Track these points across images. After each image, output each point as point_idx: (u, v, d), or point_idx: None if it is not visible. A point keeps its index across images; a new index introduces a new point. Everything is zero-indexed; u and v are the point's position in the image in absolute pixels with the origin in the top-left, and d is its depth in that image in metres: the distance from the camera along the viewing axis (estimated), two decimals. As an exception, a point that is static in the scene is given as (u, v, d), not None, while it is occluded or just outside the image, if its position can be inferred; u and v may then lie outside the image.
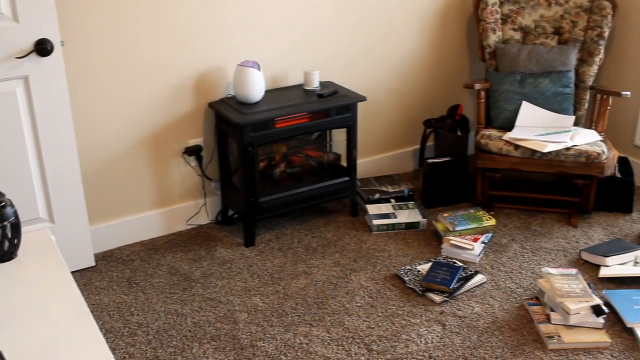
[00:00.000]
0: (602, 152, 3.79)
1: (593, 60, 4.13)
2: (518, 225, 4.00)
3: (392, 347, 3.00)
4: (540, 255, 3.70)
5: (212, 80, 3.74)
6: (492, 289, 3.42)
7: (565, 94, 4.05)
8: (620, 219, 4.07)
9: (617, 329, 3.12)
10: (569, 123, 4.00)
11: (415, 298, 3.34)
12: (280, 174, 3.90)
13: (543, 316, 3.16)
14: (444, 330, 3.11)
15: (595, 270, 3.56)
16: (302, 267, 3.58)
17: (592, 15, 4.12)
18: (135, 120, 3.58)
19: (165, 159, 3.75)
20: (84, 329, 1.70)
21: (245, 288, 3.41)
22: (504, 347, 3.01)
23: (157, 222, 3.83)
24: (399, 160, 4.62)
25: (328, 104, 3.72)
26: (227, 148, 3.79)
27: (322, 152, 4.10)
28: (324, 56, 4.05)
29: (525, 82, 4.07)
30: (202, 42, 3.62)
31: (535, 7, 4.22)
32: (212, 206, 3.99)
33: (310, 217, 4.06)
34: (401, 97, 4.46)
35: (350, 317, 3.20)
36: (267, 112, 3.58)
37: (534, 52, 4.09)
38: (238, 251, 3.72)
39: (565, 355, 2.96)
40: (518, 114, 4.03)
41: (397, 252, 3.72)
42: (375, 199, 4.14)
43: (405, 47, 4.34)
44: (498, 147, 3.87)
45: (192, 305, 3.28)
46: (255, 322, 3.16)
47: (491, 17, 4.21)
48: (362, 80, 4.25)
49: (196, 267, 3.58)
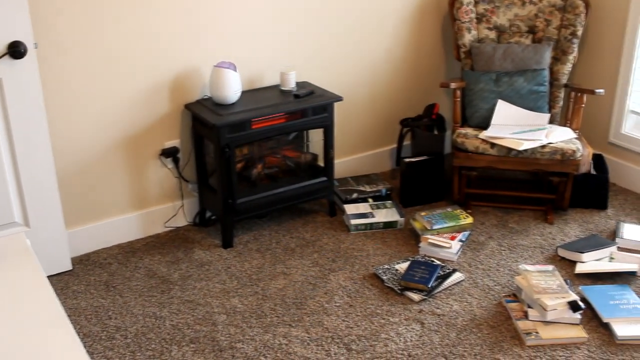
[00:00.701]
0: (577, 150, 3.83)
1: (567, 58, 4.17)
2: (495, 223, 4.02)
3: (371, 346, 3.01)
4: (517, 253, 3.72)
5: (188, 82, 3.72)
6: (470, 286, 3.44)
7: (540, 92, 4.08)
8: (596, 216, 4.10)
9: (594, 324, 3.15)
10: (544, 121, 4.03)
11: (394, 297, 3.35)
12: (257, 175, 3.90)
13: (521, 313, 3.18)
14: (422, 329, 3.12)
15: (571, 266, 3.59)
16: (281, 268, 3.57)
17: (566, 14, 4.15)
18: (111, 122, 3.56)
19: (142, 161, 3.73)
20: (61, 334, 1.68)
21: (223, 290, 3.40)
22: (482, 344, 3.03)
23: (135, 224, 3.81)
24: (376, 160, 4.63)
25: (305, 105, 3.72)
26: (203, 149, 3.78)
27: (299, 153, 4.10)
28: (300, 57, 4.05)
29: (501, 80, 4.09)
30: (177, 43, 3.61)
31: (509, 6, 4.25)
32: (189, 208, 3.97)
33: (288, 217, 4.06)
34: (378, 96, 4.47)
35: (329, 317, 3.20)
36: (243, 113, 3.57)
37: (508, 51, 4.12)
38: (216, 253, 3.71)
39: (543, 351, 2.99)
40: (494, 113, 4.05)
41: (375, 252, 3.72)
42: (352, 199, 4.15)
43: (381, 47, 4.35)
44: (474, 146, 3.89)
45: (170, 307, 3.26)
46: (234, 323, 3.15)
47: (466, 16, 4.24)
48: (339, 81, 4.25)
49: (174, 269, 3.57)
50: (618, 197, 4.32)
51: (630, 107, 4.34)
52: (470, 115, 4.14)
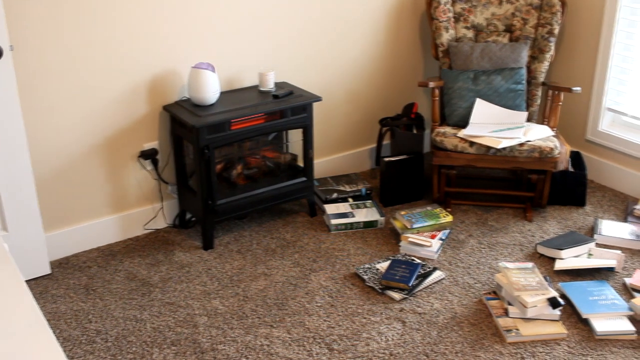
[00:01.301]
0: (554, 147, 3.85)
1: (544, 57, 4.20)
2: (475, 221, 4.04)
3: (353, 345, 3.01)
4: (497, 250, 3.74)
5: (166, 83, 3.71)
6: (450, 284, 3.45)
7: (517, 91, 4.10)
8: (574, 212, 4.13)
9: (573, 320, 3.17)
10: (522, 119, 4.06)
11: (375, 296, 3.35)
12: (237, 176, 3.89)
13: (501, 310, 3.20)
14: (404, 328, 3.13)
15: (550, 263, 3.61)
16: (262, 269, 3.57)
17: (542, 13, 4.18)
18: (89, 125, 3.54)
19: (121, 163, 3.71)
20: (40, 339, 1.67)
21: (204, 291, 3.39)
22: (463, 342, 3.04)
23: (114, 227, 3.79)
24: (355, 160, 4.64)
25: (284, 105, 3.72)
26: (183, 151, 3.77)
27: (278, 153, 4.10)
28: (279, 57, 4.05)
29: (479, 79, 4.11)
30: (155, 44, 3.59)
31: (486, 5, 4.27)
32: (169, 210, 3.96)
33: (268, 218, 4.06)
34: (356, 96, 4.48)
35: (311, 317, 3.20)
36: (222, 114, 3.56)
37: (486, 49, 4.14)
38: (196, 254, 3.70)
39: (524, 347, 3.00)
40: (472, 111, 4.07)
41: (355, 251, 3.73)
42: (333, 199, 4.15)
43: (360, 47, 4.36)
44: (453, 144, 3.91)
45: (151, 310, 3.25)
46: (216, 325, 3.14)
47: (444, 15, 4.25)
48: (318, 81, 4.25)
49: (154, 271, 3.55)
50: (596, 194, 4.35)
51: (607, 105, 4.38)
52: (449, 114, 4.16)
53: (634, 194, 4.32)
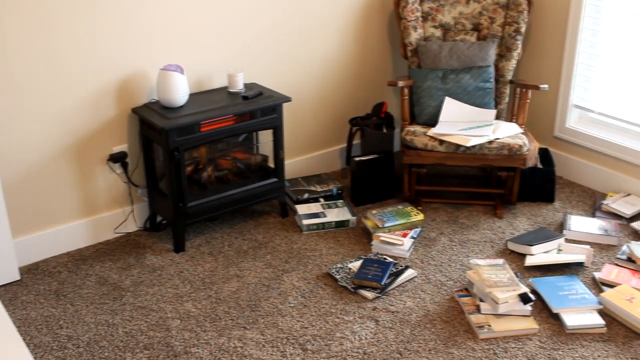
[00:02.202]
0: (523, 144, 3.89)
1: (511, 55, 4.23)
2: (445, 218, 4.06)
3: (326, 345, 3.01)
4: (468, 248, 3.76)
5: (135, 86, 3.68)
6: (422, 282, 3.46)
7: (486, 89, 4.13)
8: (544, 209, 4.17)
9: (544, 315, 3.20)
10: (490, 117, 4.08)
11: (348, 296, 3.36)
12: (207, 178, 3.87)
13: (473, 307, 3.22)
14: (377, 326, 3.14)
15: (521, 259, 3.64)
16: (234, 271, 3.56)
17: (509, 12, 4.21)
18: (57, 128, 3.50)
19: (90, 166, 3.68)
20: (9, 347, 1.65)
21: (176, 294, 3.37)
22: (436, 339, 3.06)
23: (84, 231, 3.76)
24: (326, 160, 4.64)
25: (253, 106, 3.71)
26: (152, 153, 3.74)
27: (249, 154, 4.09)
28: (248, 58, 4.04)
29: (447, 78, 4.14)
30: (122, 46, 3.57)
31: (454, 4, 4.29)
32: (139, 213, 3.93)
33: (240, 219, 4.04)
34: (326, 96, 4.48)
35: (284, 317, 3.20)
36: (192, 116, 3.55)
37: (454, 48, 4.16)
38: (168, 257, 3.68)
39: (496, 343, 3.03)
40: (441, 110, 4.09)
41: (328, 251, 3.73)
42: (304, 199, 4.15)
43: (329, 47, 4.36)
44: (423, 143, 3.93)
45: (123, 314, 3.22)
46: (189, 328, 3.13)
47: (412, 15, 4.27)
48: (287, 81, 4.25)
49: (126, 275, 3.52)
50: (564, 190, 4.40)
51: (574, 102, 4.43)
52: (418, 113, 4.18)
53: (601, 189, 4.38)
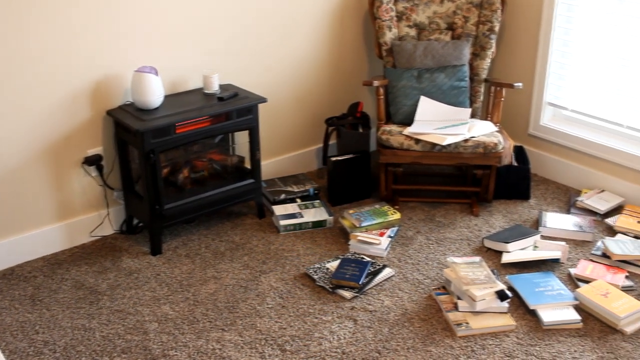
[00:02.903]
0: (498, 142, 3.91)
1: (486, 54, 4.26)
2: (422, 217, 4.08)
3: (305, 346, 3.01)
4: (445, 246, 3.78)
5: (109, 88, 3.66)
6: (400, 281, 3.47)
7: (460, 88, 4.15)
8: (519, 206, 4.20)
9: (521, 312, 3.22)
10: (465, 115, 4.11)
11: (326, 296, 3.36)
12: (184, 180, 3.86)
13: (451, 305, 3.24)
14: (355, 326, 3.14)
15: (497, 256, 3.66)
16: (211, 272, 3.55)
17: (483, 11, 4.24)
18: (30, 132, 3.47)
19: (64, 170, 3.65)
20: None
21: (154, 297, 3.35)
22: (414, 337, 3.07)
23: (59, 235, 3.73)
24: (302, 160, 4.64)
25: (229, 107, 3.71)
26: (128, 156, 3.72)
27: (225, 156, 4.07)
28: (223, 59, 4.03)
29: (422, 77, 4.15)
30: (96, 48, 3.54)
31: (428, 4, 4.31)
32: (115, 216, 3.90)
33: (216, 221, 4.03)
34: (302, 96, 4.48)
35: (262, 319, 3.19)
36: (167, 118, 3.53)
37: (429, 47, 4.18)
38: (145, 260, 3.66)
39: (474, 340, 3.04)
40: (417, 109, 4.11)
41: (305, 251, 3.73)
42: (281, 200, 4.15)
43: (303, 47, 4.36)
44: (399, 142, 3.94)
45: (99, 318, 3.20)
46: (166, 331, 3.11)
47: (386, 14, 4.28)
48: (262, 82, 4.24)
49: (102, 279, 3.50)
50: (539, 187, 4.43)
51: (548, 100, 4.47)
52: (394, 113, 4.19)
53: (576, 186, 4.42)
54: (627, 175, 4.16)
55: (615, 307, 3.14)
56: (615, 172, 4.21)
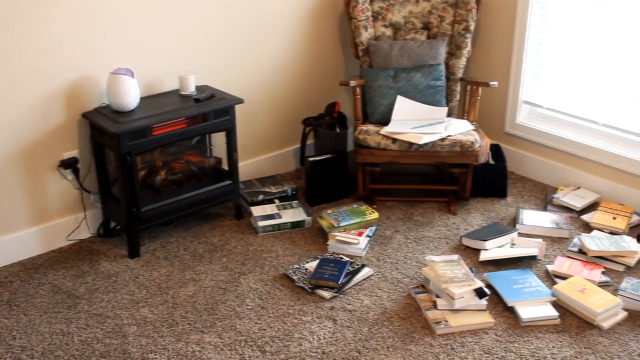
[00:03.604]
0: (475, 141, 3.93)
1: (461, 53, 4.28)
2: (400, 216, 4.09)
3: (285, 346, 3.01)
4: (423, 244, 3.79)
5: (84, 90, 3.63)
6: (379, 280, 3.48)
7: (437, 87, 4.17)
8: (496, 204, 4.23)
9: (500, 309, 3.24)
10: (442, 114, 4.12)
11: (305, 296, 3.36)
12: (161, 182, 3.84)
13: (430, 303, 3.25)
14: (335, 326, 3.14)
15: (475, 254, 3.68)
16: (190, 275, 3.53)
17: (458, 10, 4.26)
18: (4, 135, 3.44)
19: (40, 173, 3.62)
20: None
21: (132, 300, 3.33)
22: (394, 336, 3.07)
23: (36, 240, 3.69)
24: (280, 161, 4.64)
25: (205, 108, 3.69)
26: (104, 158, 3.70)
27: (202, 157, 4.06)
28: (199, 60, 4.02)
29: (399, 76, 4.17)
30: (71, 50, 3.51)
31: (404, 3, 4.32)
32: (92, 219, 3.88)
33: (194, 223, 4.02)
34: (279, 97, 4.48)
35: (242, 320, 3.18)
36: (143, 120, 3.51)
37: (405, 47, 4.19)
38: (123, 263, 3.64)
39: (453, 338, 3.06)
40: (393, 109, 4.12)
41: (284, 252, 3.73)
42: (259, 201, 4.14)
43: (280, 47, 4.36)
44: (376, 142, 3.95)
45: (78, 323, 3.18)
46: (145, 334, 3.10)
47: (362, 14, 4.29)
48: (239, 83, 4.23)
49: (80, 283, 3.47)
50: (516, 185, 4.46)
51: (523, 98, 4.50)
52: (371, 112, 4.20)
53: (552, 183, 4.45)
54: (603, 172, 4.20)
55: (592, 302, 3.16)
56: (590, 169, 4.25)
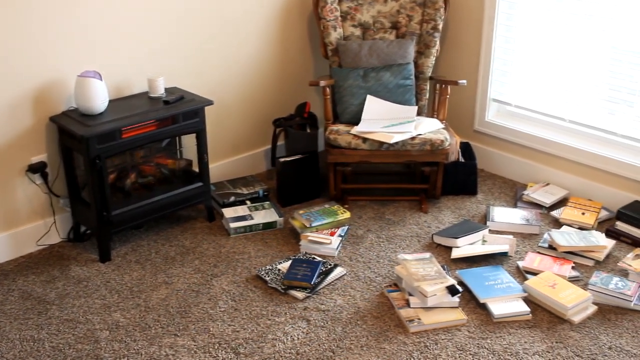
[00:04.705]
0: (445, 139, 3.95)
1: (430, 52, 4.30)
2: (372, 215, 4.10)
3: (259, 348, 3.00)
4: (395, 243, 3.81)
5: (52, 93, 3.60)
6: (352, 280, 3.49)
7: (406, 86, 4.19)
8: (467, 201, 4.26)
9: (472, 306, 3.27)
10: (412, 113, 4.14)
11: (279, 297, 3.35)
12: (131, 185, 3.81)
13: (402, 301, 3.26)
14: (309, 326, 3.14)
15: (447, 252, 3.70)
16: (162, 278, 3.51)
17: (426, 9, 4.28)
18: (-29, 141, 3.40)
19: (8, 178, 3.57)
20: None
21: (104, 305, 3.30)
22: (368, 335, 3.08)
23: (4, 245, 3.65)
24: (251, 162, 4.63)
25: (175, 110, 3.68)
26: (73, 162, 3.66)
27: (173, 160, 4.04)
28: (168, 62, 3.99)
29: (368, 76, 4.18)
30: (38, 53, 3.48)
31: (372, 3, 4.34)
32: (62, 224, 3.84)
33: (166, 226, 3.99)
34: (249, 98, 4.47)
35: (215, 322, 3.17)
36: (112, 123, 3.49)
37: (374, 47, 4.21)
38: (94, 268, 3.61)
39: (427, 336, 3.07)
40: (364, 108, 4.13)
41: (256, 253, 3.72)
42: (230, 202, 4.13)
43: (249, 48, 4.35)
44: (347, 142, 3.95)
45: (49, 329, 3.14)
46: (118, 338, 3.07)
47: (331, 14, 4.30)
48: (209, 84, 4.22)
49: (50, 288, 3.44)
50: (486, 182, 4.49)
51: (492, 96, 4.53)
52: (341, 112, 4.21)
53: (522, 180, 4.49)
54: (571, 169, 4.24)
55: (563, 297, 3.20)
56: (559, 165, 4.30)
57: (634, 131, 3.96)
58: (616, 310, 3.24)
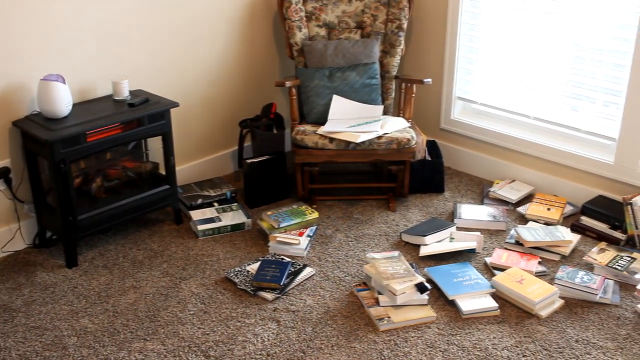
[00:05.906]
0: (411, 138, 3.97)
1: (395, 51, 4.32)
2: (340, 215, 4.10)
3: (229, 350, 2.99)
4: (364, 242, 3.82)
5: (14, 97, 3.55)
6: (321, 280, 3.49)
7: (372, 85, 4.20)
8: (434, 199, 4.28)
9: (441, 303, 3.29)
10: (378, 113, 4.16)
11: (248, 298, 3.35)
12: (97, 189, 3.78)
13: (372, 300, 3.27)
14: (279, 327, 3.14)
15: (415, 250, 3.72)
16: (130, 282, 3.48)
17: (391, 9, 4.30)
18: None
19: (-30, 185, 3.53)
20: None
21: (72, 311, 3.27)
22: (338, 334, 3.09)
23: (-32, 253, 3.60)
24: (218, 163, 4.61)
25: (140, 113, 3.65)
26: (37, 167, 3.62)
27: (139, 162, 4.01)
28: (132, 65, 3.96)
29: (334, 76, 4.18)
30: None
31: (337, 3, 4.34)
32: (27, 229, 3.79)
33: (133, 229, 3.96)
34: (214, 99, 4.45)
35: (185, 326, 3.15)
36: (76, 127, 3.45)
37: (339, 47, 4.21)
38: (60, 273, 3.57)
39: (396, 334, 3.08)
40: (330, 108, 4.13)
41: (225, 255, 3.71)
42: (198, 205, 4.11)
43: (214, 50, 4.33)
44: (314, 142, 3.96)
45: (15, 336, 3.10)
46: (86, 344, 3.04)
47: (296, 15, 4.29)
48: (174, 86, 4.19)
49: (16, 295, 3.39)
50: (453, 180, 4.53)
51: (457, 94, 4.57)
52: (307, 112, 4.21)
53: (488, 177, 4.53)
54: (536, 165, 4.29)
55: (530, 292, 3.23)
56: (524, 162, 4.34)
57: (597, 127, 4.02)
58: (582, 303, 3.28)
